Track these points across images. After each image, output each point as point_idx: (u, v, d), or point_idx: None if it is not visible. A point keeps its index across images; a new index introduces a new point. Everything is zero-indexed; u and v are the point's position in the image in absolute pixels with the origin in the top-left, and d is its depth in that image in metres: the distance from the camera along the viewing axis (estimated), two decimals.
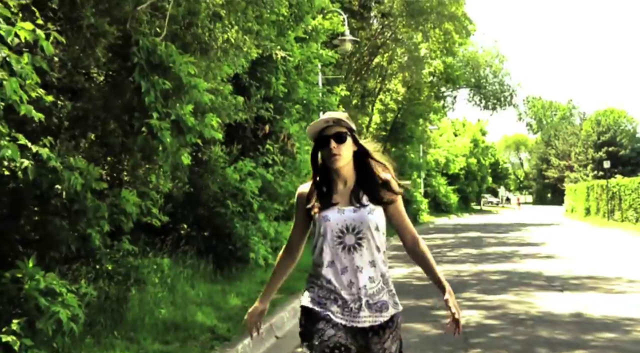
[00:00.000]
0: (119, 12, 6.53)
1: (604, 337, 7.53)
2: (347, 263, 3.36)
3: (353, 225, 3.36)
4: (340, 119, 3.47)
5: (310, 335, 3.37)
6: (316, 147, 3.52)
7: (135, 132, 6.66)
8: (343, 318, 3.34)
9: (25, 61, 5.13)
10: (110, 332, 6.91)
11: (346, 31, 21.06)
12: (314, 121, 3.63)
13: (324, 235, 3.39)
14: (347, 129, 3.48)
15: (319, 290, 3.41)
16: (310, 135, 3.53)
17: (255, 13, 9.26)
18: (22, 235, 6.54)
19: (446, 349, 7.10)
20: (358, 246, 3.36)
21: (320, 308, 3.37)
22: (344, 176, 3.50)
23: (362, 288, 3.34)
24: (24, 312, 5.50)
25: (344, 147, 3.44)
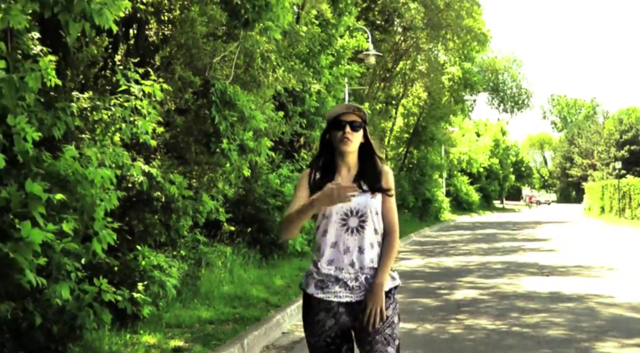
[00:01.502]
0: (199, 64, 8.96)
1: (564, 306, 9.81)
2: (350, 244, 3.58)
3: (357, 208, 3.58)
4: (360, 108, 3.70)
5: (312, 324, 3.62)
6: (329, 128, 3.73)
7: (212, 152, 9.11)
8: (346, 296, 3.55)
9: (145, 104, 7.58)
10: (191, 300, 9.34)
11: (370, 46, 23.34)
12: (334, 106, 3.91)
13: (329, 217, 3.60)
14: (362, 120, 3.70)
15: (320, 275, 3.61)
16: (329, 117, 3.73)
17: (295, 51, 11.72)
18: (130, 228, 8.98)
19: (441, 314, 9.43)
20: (361, 228, 3.59)
21: (323, 293, 3.58)
22: (349, 163, 3.70)
23: (362, 267, 3.57)
24: (141, 279, 7.92)
25: (356, 134, 3.64)
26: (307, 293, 3.64)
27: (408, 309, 9.65)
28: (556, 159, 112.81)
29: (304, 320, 3.67)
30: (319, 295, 3.59)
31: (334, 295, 3.56)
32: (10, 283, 4.84)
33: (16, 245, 4.73)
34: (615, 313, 9.26)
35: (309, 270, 3.70)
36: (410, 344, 7.49)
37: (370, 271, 3.57)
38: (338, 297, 3.56)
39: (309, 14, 15.16)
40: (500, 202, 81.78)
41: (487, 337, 7.90)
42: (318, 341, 3.60)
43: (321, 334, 3.59)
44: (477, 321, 8.85)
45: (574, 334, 7.88)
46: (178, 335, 7.39)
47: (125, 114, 7.17)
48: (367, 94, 29.56)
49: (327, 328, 3.57)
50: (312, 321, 3.61)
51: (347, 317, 3.57)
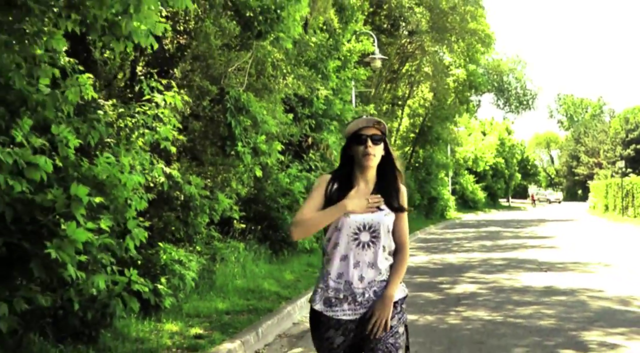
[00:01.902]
0: (215, 73, 9.62)
1: (557, 299, 10.44)
2: (360, 259, 3.60)
3: (370, 224, 3.60)
4: (380, 122, 3.69)
5: (321, 340, 3.64)
6: (349, 143, 3.72)
7: (227, 154, 9.78)
8: (355, 313, 3.59)
9: (167, 112, 8.24)
10: (207, 292, 10.00)
11: (376, 50, 23.98)
12: (355, 120, 3.80)
13: (340, 230, 3.61)
14: (382, 133, 3.69)
15: (328, 290, 3.63)
16: (349, 131, 3.72)
17: (304, 58, 12.39)
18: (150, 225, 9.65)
19: (442, 306, 10.08)
20: (372, 244, 3.61)
21: (332, 311, 3.60)
22: (367, 177, 3.70)
23: (371, 282, 3.60)
24: (162, 273, 8.58)
25: (377, 148, 3.64)
26: (315, 310, 3.66)
27: (411, 302, 10.26)
28: (562, 158, 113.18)
29: (313, 334, 3.70)
30: (327, 313, 3.61)
31: (343, 313, 3.59)
32: (54, 276, 5.49)
33: (61, 242, 5.37)
34: (604, 305, 9.89)
35: (317, 284, 3.71)
36: (412, 333, 8.05)
37: (378, 285, 3.61)
38: (347, 315, 3.58)
39: (316, 19, 15.80)
40: (506, 200, 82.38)
41: (483, 326, 8.54)
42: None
43: (330, 351, 3.62)
44: (474, 313, 9.49)
45: (563, 324, 8.51)
46: (198, 324, 8.05)
47: (148, 120, 7.85)
48: (373, 95, 30.18)
49: (335, 346, 3.61)
50: (321, 338, 3.64)
51: (355, 332, 3.60)
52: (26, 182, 5.18)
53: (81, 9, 5.59)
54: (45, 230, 5.46)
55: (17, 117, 5.59)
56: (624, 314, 9.19)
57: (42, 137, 5.69)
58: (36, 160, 5.16)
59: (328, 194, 3.67)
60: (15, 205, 5.38)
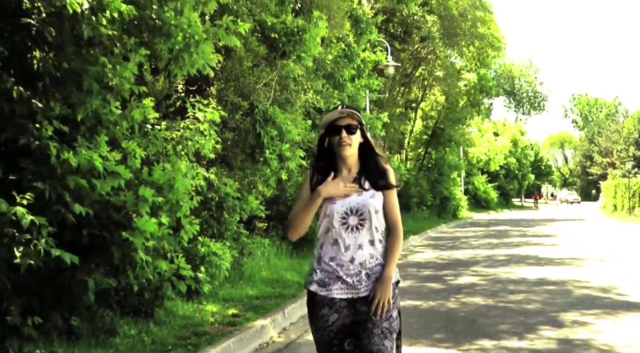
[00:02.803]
0: (246, 90, 11.05)
1: (546, 288, 11.78)
2: (350, 242, 3.75)
3: (357, 207, 3.75)
4: (353, 112, 3.80)
5: (316, 319, 3.80)
6: (325, 134, 3.88)
7: (256, 161, 11.21)
8: (347, 292, 3.75)
9: (207, 127, 9.66)
10: (238, 281, 11.42)
11: (389, 58, 25.32)
12: (331, 111, 3.90)
13: (330, 216, 3.77)
14: (358, 122, 3.82)
15: (322, 272, 3.79)
16: (324, 122, 3.86)
17: (322, 73, 13.81)
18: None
19: (444, 294, 11.44)
20: (360, 226, 3.76)
21: (326, 291, 3.76)
22: (349, 164, 3.86)
23: (362, 263, 3.75)
24: (201, 263, 10.00)
25: (353, 137, 3.78)
26: (310, 291, 3.85)
27: (416, 291, 11.65)
28: (576, 158, 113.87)
29: (309, 316, 3.89)
30: (321, 292, 3.78)
31: (336, 292, 3.75)
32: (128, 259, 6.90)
33: (132, 232, 6.81)
34: (586, 293, 11.23)
35: (311, 268, 3.89)
36: (415, 315, 9.52)
37: (370, 267, 3.77)
38: (339, 293, 3.75)
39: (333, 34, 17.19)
40: (519, 200, 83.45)
41: (477, 309, 9.91)
42: (322, 336, 3.80)
43: (325, 329, 3.77)
44: (472, 299, 10.86)
45: (546, 308, 9.86)
46: (233, 306, 9.47)
47: (191, 134, 9.29)
48: (387, 99, 31.52)
49: (330, 324, 3.76)
50: (316, 317, 3.80)
51: (349, 312, 3.76)
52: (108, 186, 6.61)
53: (150, 45, 7.03)
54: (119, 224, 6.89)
55: (95, 134, 7.02)
56: (601, 300, 10.53)
57: (113, 150, 7.11)
58: (117, 169, 6.60)
59: (313, 187, 3.85)
60: (94, 205, 6.81)
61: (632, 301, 10.33)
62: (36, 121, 6.47)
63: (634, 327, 8.37)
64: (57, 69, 6.96)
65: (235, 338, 7.42)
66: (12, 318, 6.23)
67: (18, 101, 6.41)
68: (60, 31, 6.56)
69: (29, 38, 6.75)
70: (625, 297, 10.77)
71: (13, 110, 6.41)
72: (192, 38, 6.91)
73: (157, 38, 6.96)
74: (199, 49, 6.94)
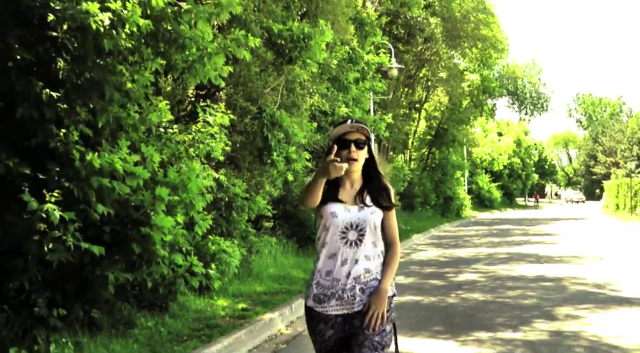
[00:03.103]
0: (254, 95, 11.53)
1: (543, 285, 12.23)
2: (348, 256, 3.76)
3: (357, 223, 3.78)
4: (363, 127, 3.81)
5: (314, 333, 3.87)
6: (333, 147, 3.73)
7: (264, 163, 11.69)
8: (342, 308, 3.77)
9: (217, 130, 10.14)
10: (246, 278, 11.90)
11: (393, 61, 25.78)
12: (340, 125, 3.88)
13: (329, 229, 3.78)
14: (366, 138, 3.83)
15: (319, 287, 3.81)
16: (334, 135, 3.82)
17: (327, 76, 14.29)
18: None
19: (444, 290, 11.89)
20: (359, 242, 3.78)
21: (322, 308, 3.80)
22: (353, 178, 3.86)
23: (357, 278, 3.76)
24: (212, 261, 10.47)
25: (361, 153, 3.79)
26: (307, 306, 3.88)
27: (418, 288, 12.11)
28: (581, 157, 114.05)
29: (308, 328, 3.94)
30: (318, 309, 3.82)
31: (332, 309, 3.78)
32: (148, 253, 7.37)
33: (151, 229, 7.29)
34: (580, 289, 11.68)
35: (309, 282, 3.90)
36: (416, 310, 9.98)
37: (365, 282, 3.79)
38: (335, 310, 3.78)
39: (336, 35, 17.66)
40: (524, 200, 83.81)
41: (476, 304, 10.36)
42: (320, 349, 3.88)
43: (322, 343, 3.84)
44: (471, 295, 11.31)
45: (542, 303, 10.32)
46: (242, 301, 9.94)
47: (203, 137, 9.77)
48: (391, 100, 31.98)
49: (327, 338, 3.82)
50: (314, 331, 3.87)
51: (344, 327, 3.80)
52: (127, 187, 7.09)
53: (166, 55, 7.51)
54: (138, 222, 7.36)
55: (116, 138, 7.50)
56: (595, 295, 10.97)
57: (132, 153, 7.59)
58: (136, 170, 7.07)
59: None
60: (115, 204, 7.28)
61: (625, 296, 10.78)
62: (63, 126, 6.95)
63: (623, 320, 8.82)
64: (79, 77, 7.44)
65: (246, 330, 7.90)
66: (39, 310, 6.70)
67: (47, 105, 6.87)
68: (83, 44, 7.01)
69: (54, 49, 7.21)
70: (618, 292, 11.22)
71: (42, 116, 6.87)
72: (205, 50, 7.38)
73: (173, 49, 7.43)
74: (211, 61, 7.42)
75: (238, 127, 11.40)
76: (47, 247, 6.31)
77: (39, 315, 6.70)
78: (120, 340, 7.04)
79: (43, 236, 6.34)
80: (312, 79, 13.20)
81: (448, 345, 7.62)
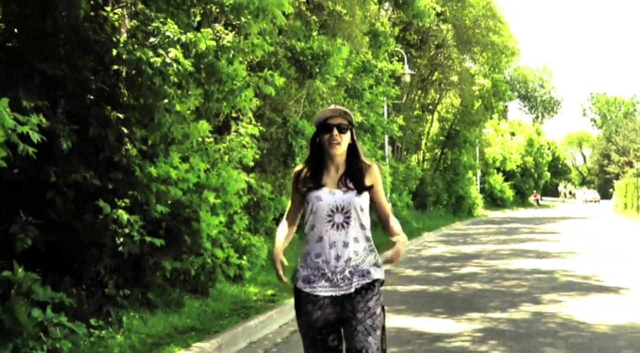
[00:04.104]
0: (279, 106, 13.06)
1: (536, 276, 13.67)
2: (335, 239, 3.83)
3: (342, 205, 3.83)
4: (345, 112, 3.88)
5: (302, 315, 3.95)
6: (318, 132, 3.93)
7: (287, 167, 13.20)
8: (331, 289, 3.85)
9: (248, 140, 11.68)
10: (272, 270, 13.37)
11: (405, 67, 27.24)
12: (322, 110, 3.98)
13: (315, 213, 3.85)
14: (349, 122, 3.91)
15: (307, 269, 3.93)
16: (316, 121, 3.93)
17: (343, 87, 15.82)
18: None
19: (447, 281, 13.36)
20: (346, 224, 3.83)
21: (310, 288, 3.89)
22: (337, 163, 3.92)
23: (347, 260, 3.83)
24: (243, 253, 11.96)
25: (344, 136, 3.86)
26: (296, 287, 3.99)
27: (424, 279, 13.59)
28: (594, 156, 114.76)
29: (296, 311, 4.03)
30: (306, 289, 3.92)
31: (319, 290, 3.87)
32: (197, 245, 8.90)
33: (199, 225, 8.82)
34: (569, 279, 13.12)
35: (298, 264, 4.02)
36: (421, 296, 11.47)
37: (354, 265, 3.87)
38: (324, 291, 3.86)
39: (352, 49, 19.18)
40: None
41: (474, 292, 11.83)
42: (307, 331, 3.95)
43: (309, 324, 3.91)
44: (471, 285, 12.77)
45: (532, 290, 11.76)
46: (270, 288, 11.44)
47: (235, 146, 11.31)
48: (404, 103, 33.44)
49: (314, 320, 3.88)
50: (302, 312, 3.95)
51: (332, 309, 3.87)
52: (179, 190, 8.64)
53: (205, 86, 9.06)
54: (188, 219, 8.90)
55: (168, 151, 9.04)
56: (580, 285, 12.41)
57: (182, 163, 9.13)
58: (186, 176, 8.61)
59: (300, 183, 4.01)
60: (169, 205, 8.82)
61: (605, 285, 12.22)
62: (123, 143, 8.48)
63: (596, 304, 10.27)
64: (136, 101, 8.96)
65: (276, 309, 9.44)
66: (109, 290, 8.24)
67: (111, 126, 8.41)
68: (140, 76, 8.51)
69: (117, 79, 8.75)
70: (601, 282, 12.65)
71: (106, 134, 8.41)
72: (238, 85, 8.91)
73: (212, 81, 8.96)
74: (242, 93, 8.96)
75: (265, 135, 12.91)
76: (118, 241, 7.87)
77: (109, 294, 8.24)
78: (175, 315, 8.57)
79: (115, 233, 7.90)
80: (330, 91, 14.73)
81: (445, 322, 9.10)
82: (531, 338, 7.89)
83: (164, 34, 8.40)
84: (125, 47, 8.41)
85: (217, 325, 8.29)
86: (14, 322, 6.58)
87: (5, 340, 6.44)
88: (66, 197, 7.99)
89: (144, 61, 7.95)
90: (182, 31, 8.60)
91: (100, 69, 8.71)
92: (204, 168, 9.30)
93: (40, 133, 6.31)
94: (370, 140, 22.09)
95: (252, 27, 9.32)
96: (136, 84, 8.72)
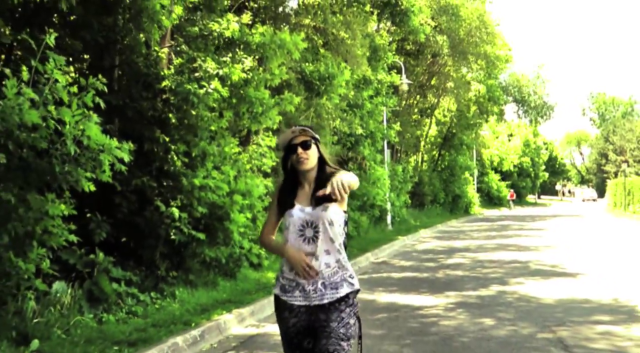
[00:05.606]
0: (291, 120, 15.32)
1: (512, 265, 15.92)
2: (307, 252, 3.98)
3: (311, 220, 3.98)
4: (304, 129, 4.07)
5: (280, 320, 4.16)
6: (286, 154, 4.11)
7: None
8: (305, 300, 4.01)
9: (266, 150, 13.98)
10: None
11: (403, 76, 29.52)
12: (283, 134, 4.17)
13: (289, 228, 4.04)
14: (312, 138, 4.08)
15: (284, 279, 4.09)
16: (281, 144, 4.14)
17: (345, 102, 18.14)
18: None
19: (434, 269, 15.63)
20: (315, 238, 3.97)
21: (287, 296, 4.05)
22: (309, 179, 4.09)
23: (319, 273, 3.98)
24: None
25: (310, 152, 4.03)
26: (275, 294, 4.15)
27: (415, 268, 15.88)
28: (592, 156, 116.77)
29: (275, 314, 4.21)
30: (283, 297, 4.08)
31: (294, 299, 4.03)
32: (229, 239, 11.19)
33: (230, 223, 11.13)
34: (539, 268, 15.37)
35: (278, 273, 4.18)
36: (411, 281, 13.77)
37: (327, 277, 4.00)
38: (298, 300, 4.02)
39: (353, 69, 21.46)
40: (534, 197, 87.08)
41: (455, 277, 14.10)
42: (285, 334, 4.14)
43: (286, 329, 4.12)
44: (454, 272, 15.05)
45: (504, 276, 14.02)
46: None
47: (256, 156, 13.63)
48: (403, 108, 35.73)
49: (290, 325, 4.08)
50: (280, 318, 4.15)
51: (307, 317, 4.04)
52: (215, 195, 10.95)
53: (236, 108, 11.36)
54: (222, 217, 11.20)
55: (205, 162, 11.34)
56: (546, 271, 14.67)
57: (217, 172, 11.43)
58: (221, 185, 10.92)
59: (282, 201, 4.16)
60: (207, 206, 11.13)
61: (567, 272, 14.48)
62: (170, 157, 10.78)
63: (552, 285, 12.54)
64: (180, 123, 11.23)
65: None
66: (161, 271, 10.55)
67: (159, 143, 10.70)
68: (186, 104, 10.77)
69: (165, 105, 11.04)
70: (564, 269, 14.92)
71: (157, 149, 10.71)
72: (264, 106, 11.22)
73: (242, 104, 11.26)
74: (268, 113, 11.28)
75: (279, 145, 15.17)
76: (171, 232, 10.19)
77: (161, 275, 10.55)
78: (213, 291, 10.88)
79: (168, 226, 10.22)
80: (334, 106, 17.03)
81: (427, 298, 11.39)
82: (490, 308, 10.20)
83: (205, 69, 10.69)
84: (174, 79, 10.69)
85: (247, 298, 10.58)
86: (100, 291, 8.94)
87: (96, 303, 8.78)
88: (130, 200, 10.31)
89: (191, 93, 10.24)
90: (219, 66, 10.89)
91: (151, 97, 11.00)
92: (233, 175, 11.59)
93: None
94: (371, 146, 24.41)
95: (273, 61, 11.65)
96: (181, 110, 11.01)
